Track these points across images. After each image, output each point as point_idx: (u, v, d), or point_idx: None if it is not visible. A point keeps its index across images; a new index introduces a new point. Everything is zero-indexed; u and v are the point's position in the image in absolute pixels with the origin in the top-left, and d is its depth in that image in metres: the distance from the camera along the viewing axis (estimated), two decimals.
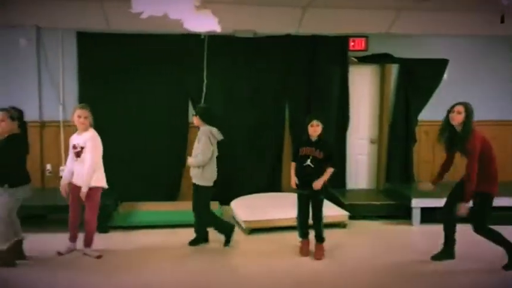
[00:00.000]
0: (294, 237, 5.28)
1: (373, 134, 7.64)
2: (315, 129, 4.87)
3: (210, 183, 5.14)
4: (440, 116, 7.25)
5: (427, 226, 6.04)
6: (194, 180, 5.15)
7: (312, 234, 5.13)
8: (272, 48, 7.07)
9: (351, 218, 6.19)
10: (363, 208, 6.47)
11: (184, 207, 6.35)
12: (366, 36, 7.18)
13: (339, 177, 7.35)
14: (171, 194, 7.04)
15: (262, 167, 7.23)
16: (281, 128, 7.22)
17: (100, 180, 4.86)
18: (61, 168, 6.79)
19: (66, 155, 6.84)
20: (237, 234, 5.53)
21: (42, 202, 5.99)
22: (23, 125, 4.65)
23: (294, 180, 5.04)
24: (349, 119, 7.33)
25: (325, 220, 5.89)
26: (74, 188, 4.87)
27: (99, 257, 4.86)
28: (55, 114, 6.84)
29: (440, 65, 7.38)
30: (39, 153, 6.83)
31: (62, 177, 6.71)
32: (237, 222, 6.08)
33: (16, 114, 4.56)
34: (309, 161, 4.89)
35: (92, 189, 4.76)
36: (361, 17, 6.84)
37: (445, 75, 7.40)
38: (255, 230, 5.82)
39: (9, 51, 6.70)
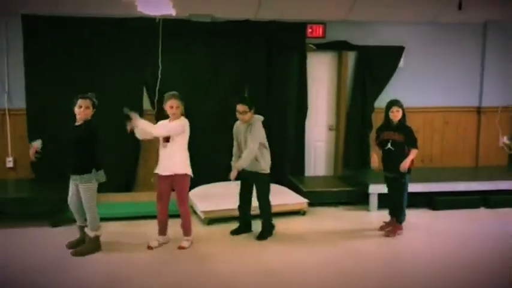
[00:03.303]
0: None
1: (331, 120, 7.67)
2: (395, 114, 5.16)
3: (268, 170, 5.16)
4: None
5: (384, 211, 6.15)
6: (252, 169, 5.11)
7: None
8: (230, 34, 6.92)
9: (310, 205, 6.20)
10: (321, 195, 6.49)
11: (141, 199, 6.19)
12: (324, 23, 7.15)
13: (298, 164, 7.37)
14: (127, 184, 6.83)
15: (221, 154, 7.09)
16: None
17: (188, 169, 4.80)
18: (8, 159, 6.46)
19: (13, 144, 6.56)
20: (195, 225, 5.42)
21: None
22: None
23: (373, 159, 5.44)
24: (308, 106, 7.32)
25: (284, 208, 5.90)
26: (162, 179, 4.77)
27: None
28: (0, 102, 6.47)
29: (396, 53, 7.45)
30: None
31: (8, 168, 6.47)
32: (195, 213, 5.97)
33: (96, 102, 4.63)
34: (389, 144, 5.24)
35: (183, 176, 4.77)
36: (319, 3, 6.75)
37: (401, 63, 7.47)
38: (213, 220, 5.72)
39: None
